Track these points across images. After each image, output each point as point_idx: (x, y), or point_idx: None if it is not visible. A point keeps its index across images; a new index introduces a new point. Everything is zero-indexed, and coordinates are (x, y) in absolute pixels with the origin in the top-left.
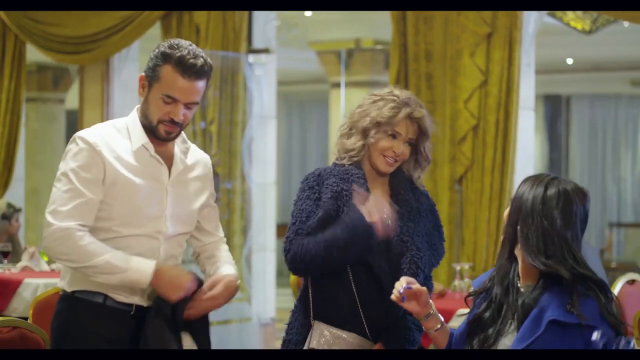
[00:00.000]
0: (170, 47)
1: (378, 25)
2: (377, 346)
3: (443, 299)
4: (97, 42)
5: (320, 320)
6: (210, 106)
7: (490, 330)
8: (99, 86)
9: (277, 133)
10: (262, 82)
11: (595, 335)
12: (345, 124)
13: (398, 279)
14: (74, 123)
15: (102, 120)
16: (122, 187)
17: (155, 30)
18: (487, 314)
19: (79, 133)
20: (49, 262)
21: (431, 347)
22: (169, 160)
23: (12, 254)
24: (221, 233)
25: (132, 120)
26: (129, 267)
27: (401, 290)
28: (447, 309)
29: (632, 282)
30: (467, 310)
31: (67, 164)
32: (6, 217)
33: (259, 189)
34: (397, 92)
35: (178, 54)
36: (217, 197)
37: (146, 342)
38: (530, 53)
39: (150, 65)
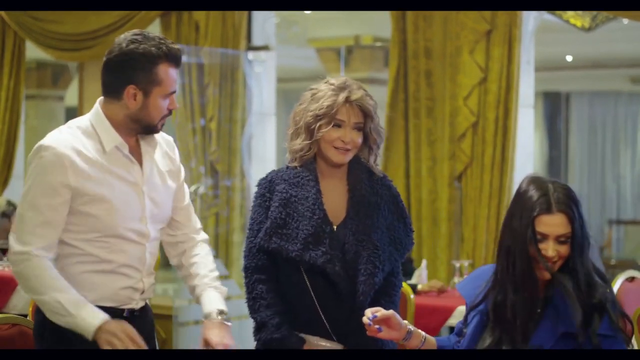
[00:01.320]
0: (151, 45)
1: (377, 22)
2: None
3: (442, 296)
4: (96, 39)
5: None
6: (209, 103)
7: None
8: (98, 83)
9: (277, 130)
10: (262, 79)
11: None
12: (290, 125)
13: (356, 281)
14: None
15: None
16: (97, 197)
17: (155, 27)
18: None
19: (43, 142)
20: None
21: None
22: (138, 157)
23: None
24: (197, 224)
25: (97, 120)
26: (78, 315)
27: (370, 324)
28: (446, 306)
29: (631, 279)
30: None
31: (30, 180)
32: (6, 214)
33: (256, 188)
34: (332, 80)
35: (165, 48)
36: (217, 194)
37: None
38: (530, 50)
39: (138, 70)
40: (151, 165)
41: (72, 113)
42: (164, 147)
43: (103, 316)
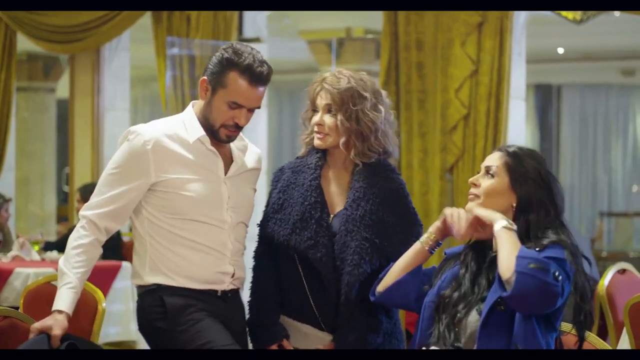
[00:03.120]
0: (235, 53)
1: (369, 14)
2: (329, 346)
3: None
4: (87, 31)
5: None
6: None
7: (461, 306)
8: (90, 75)
9: (268, 122)
10: None
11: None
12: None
13: (341, 272)
14: (65, 112)
15: (92, 110)
16: (178, 182)
17: (146, 19)
18: (455, 294)
19: (133, 127)
20: (40, 252)
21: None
22: (226, 157)
23: (2, 244)
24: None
25: (188, 116)
26: (59, 291)
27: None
28: None
29: (622, 271)
30: None
31: (114, 161)
32: None
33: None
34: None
35: (245, 62)
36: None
37: None
38: (521, 42)
39: (214, 70)
40: (239, 166)
41: (63, 105)
42: (253, 158)
43: (63, 304)
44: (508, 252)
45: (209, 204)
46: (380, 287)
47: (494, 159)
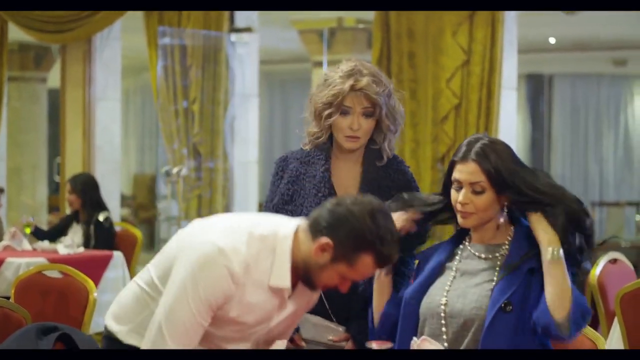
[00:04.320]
0: (379, 238)
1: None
2: (342, 337)
3: None
4: (78, 21)
5: None
6: (192, 85)
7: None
8: (81, 65)
9: (259, 112)
10: (244, 61)
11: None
12: (307, 109)
13: None
14: (56, 102)
15: (84, 100)
16: (235, 319)
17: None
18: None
19: (222, 247)
20: (31, 239)
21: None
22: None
23: None
24: None
25: (284, 249)
26: None
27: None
28: None
29: (614, 261)
30: None
31: (196, 288)
32: None
33: (241, 168)
34: (342, 66)
35: (386, 251)
36: (200, 176)
37: None
38: (513, 32)
39: (345, 242)
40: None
41: (54, 95)
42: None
43: None
44: (561, 290)
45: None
46: (376, 323)
47: (474, 174)
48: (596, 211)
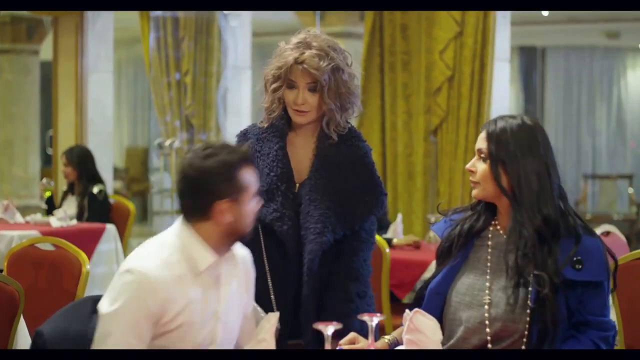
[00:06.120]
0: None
1: None
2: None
3: (418, 250)
4: None
5: None
6: (184, 57)
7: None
8: (73, 37)
9: (252, 84)
10: (237, 33)
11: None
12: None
13: (304, 241)
14: (49, 74)
15: (76, 72)
16: (175, 323)
17: None
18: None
19: (136, 267)
20: (24, 215)
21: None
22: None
23: None
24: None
25: (189, 241)
26: None
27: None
28: (421, 260)
29: (606, 233)
30: None
31: (115, 311)
32: None
33: (234, 140)
34: (294, 38)
35: (232, 158)
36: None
37: None
38: None
39: (223, 187)
40: (229, 291)
41: (47, 67)
42: (244, 276)
43: None
44: None
45: (199, 339)
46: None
47: (481, 141)
48: (589, 184)
